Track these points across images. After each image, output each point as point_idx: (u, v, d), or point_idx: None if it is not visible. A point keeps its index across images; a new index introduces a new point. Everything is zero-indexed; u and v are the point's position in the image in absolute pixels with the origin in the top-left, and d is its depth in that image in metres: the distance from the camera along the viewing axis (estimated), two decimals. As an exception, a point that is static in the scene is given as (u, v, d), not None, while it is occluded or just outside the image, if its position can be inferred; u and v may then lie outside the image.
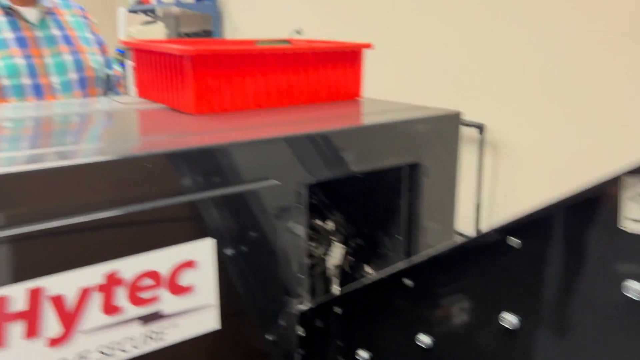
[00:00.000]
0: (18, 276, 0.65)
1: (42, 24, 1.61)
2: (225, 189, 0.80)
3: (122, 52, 3.05)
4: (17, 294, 0.64)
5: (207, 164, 0.79)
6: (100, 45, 1.79)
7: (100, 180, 0.71)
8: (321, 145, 0.90)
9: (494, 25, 1.98)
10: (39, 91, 1.56)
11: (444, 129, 1.03)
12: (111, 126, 1.03)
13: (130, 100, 1.21)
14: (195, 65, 1.00)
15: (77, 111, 1.11)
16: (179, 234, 0.76)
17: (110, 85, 1.85)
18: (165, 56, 1.07)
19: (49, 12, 1.65)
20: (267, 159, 0.84)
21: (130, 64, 2.75)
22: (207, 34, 3.50)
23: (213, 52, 1.01)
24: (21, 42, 1.55)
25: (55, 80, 1.59)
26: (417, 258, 0.74)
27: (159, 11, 4.11)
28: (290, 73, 1.12)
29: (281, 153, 0.85)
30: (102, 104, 1.21)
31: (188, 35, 3.56)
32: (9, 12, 1.56)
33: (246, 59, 1.06)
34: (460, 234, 1.13)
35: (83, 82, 1.65)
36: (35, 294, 0.65)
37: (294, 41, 1.45)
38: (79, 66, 1.65)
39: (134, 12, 4.02)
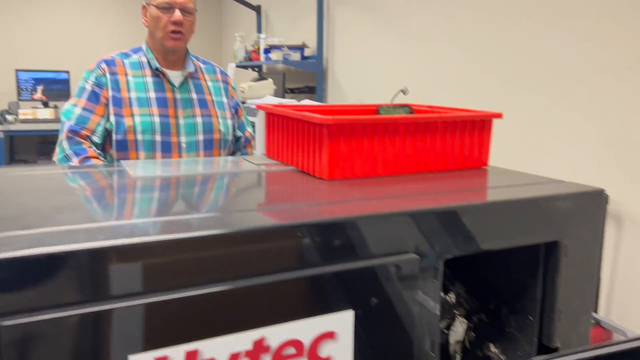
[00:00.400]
0: (178, 338, 0.67)
1: (183, 86, 1.72)
2: (367, 260, 0.80)
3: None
4: (177, 355, 0.67)
5: (352, 235, 0.79)
6: (235, 108, 1.87)
7: (252, 248, 0.73)
8: (460, 219, 0.88)
9: (617, 97, 1.90)
10: (167, 148, 1.66)
11: (587, 207, 0.98)
12: (252, 190, 1.07)
13: (261, 160, 1.26)
14: (331, 133, 1.03)
15: (217, 171, 1.17)
16: (322, 305, 0.77)
17: (239, 146, 1.92)
18: (300, 122, 1.11)
19: (192, 76, 1.76)
20: (407, 232, 0.84)
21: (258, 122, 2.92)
22: (310, 89, 3.64)
23: (349, 121, 1.04)
24: (162, 102, 1.66)
25: (183, 139, 1.68)
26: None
27: (265, 68, 4.34)
28: (420, 141, 1.13)
29: (421, 226, 0.85)
30: (237, 164, 1.27)
31: (292, 90, 3.72)
32: (157, 73, 1.69)
33: (379, 127, 1.08)
34: (598, 320, 1.05)
35: (209, 144, 1.73)
36: (192, 356, 0.68)
37: (414, 106, 1.46)
38: (208, 129, 1.73)
39: (243, 67, 4.28)
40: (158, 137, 1.66)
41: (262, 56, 3.67)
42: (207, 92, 1.77)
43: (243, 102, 3.05)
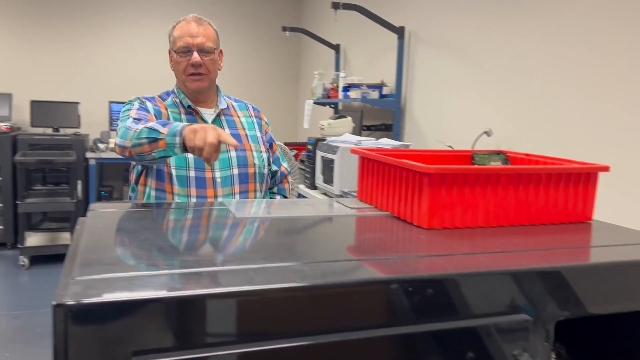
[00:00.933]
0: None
1: (216, 122, 1.73)
2: (473, 320, 0.78)
3: (311, 142, 3.30)
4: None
5: (460, 291, 0.78)
6: (270, 143, 1.88)
7: (354, 301, 0.73)
8: (573, 280, 0.84)
9: None
10: (201, 184, 1.65)
11: None
12: (350, 237, 1.08)
13: (354, 204, 1.27)
14: (432, 181, 1.02)
15: (313, 214, 1.19)
16: (431, 362, 0.75)
17: (276, 181, 1.93)
18: (398, 168, 1.11)
19: (224, 113, 1.78)
20: (518, 291, 0.81)
21: (320, 154, 2.96)
22: (387, 127, 3.65)
23: (451, 170, 1.03)
24: None
25: (217, 175, 1.67)
26: None
27: (341, 105, 4.41)
28: (522, 192, 1.10)
29: (532, 286, 0.82)
30: (331, 206, 1.28)
31: (369, 128, 3.74)
32: (190, 111, 1.72)
33: (480, 177, 1.06)
34: None
35: (244, 177, 1.71)
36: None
37: (509, 153, 1.43)
38: (243, 162, 1.72)
39: (321, 104, 4.37)
40: (192, 173, 1.65)
41: (341, 94, 3.73)
42: (240, 127, 1.78)
43: (322, 140, 3.10)
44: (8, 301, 3.43)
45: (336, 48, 4.53)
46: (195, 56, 1.66)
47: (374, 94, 3.51)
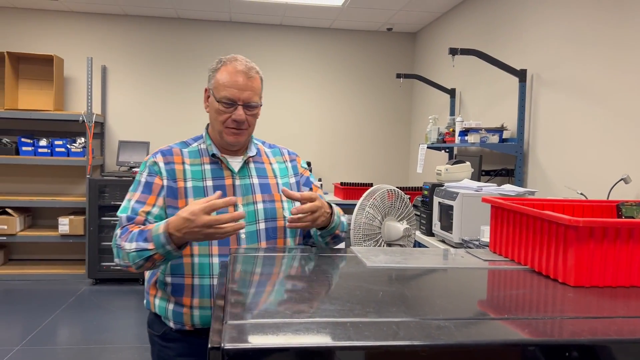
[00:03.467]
0: None
1: (242, 171, 1.54)
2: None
3: (427, 187, 3.26)
4: None
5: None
6: (309, 186, 1.66)
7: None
8: None
9: None
10: (224, 241, 1.44)
11: None
12: (490, 292, 1.04)
13: (487, 255, 1.22)
14: (580, 235, 0.96)
15: (444, 265, 1.16)
16: None
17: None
18: (539, 220, 1.06)
19: (254, 160, 1.58)
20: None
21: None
22: (508, 172, 3.50)
23: (601, 223, 0.96)
24: (219, 189, 1.46)
25: (242, 230, 1.44)
26: None
27: (456, 150, 4.33)
28: (685, 249, 0.99)
29: None
30: (461, 257, 1.24)
31: (488, 173, 3.62)
32: (215, 159, 1.53)
33: (635, 231, 0.97)
34: None
35: (272, 232, 1.50)
36: None
37: (662, 204, 1.30)
38: (271, 215, 1.52)
39: (435, 149, 4.32)
40: None
41: (457, 138, 3.67)
42: (271, 175, 1.59)
43: (439, 185, 3.04)
44: (139, 334, 3.69)
45: (451, 92, 4.48)
46: (240, 113, 1.48)
47: (494, 138, 3.40)
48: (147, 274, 1.54)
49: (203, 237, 1.25)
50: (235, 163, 1.55)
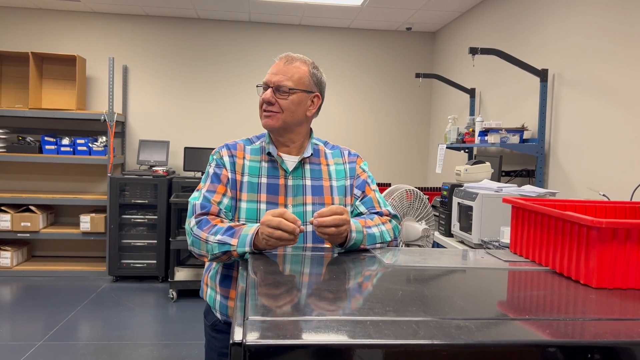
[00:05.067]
0: None
1: (296, 172, 1.56)
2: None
3: (446, 188, 3.24)
4: None
5: (648, 362, 0.70)
6: (362, 188, 1.62)
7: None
8: None
9: None
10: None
11: None
12: (511, 293, 1.03)
13: (507, 256, 1.21)
14: (602, 236, 0.95)
15: (463, 265, 1.16)
16: None
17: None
18: (560, 221, 1.05)
19: (310, 161, 1.59)
20: None
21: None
22: (528, 173, 3.46)
23: (624, 225, 0.95)
24: (272, 189, 1.52)
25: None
26: None
27: (476, 150, 4.29)
28: None
29: None
30: (482, 258, 1.24)
31: (508, 173, 3.58)
32: (272, 158, 1.56)
33: (659, 233, 0.96)
34: None
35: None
36: None
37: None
38: None
39: (455, 149, 4.29)
40: None
41: (477, 139, 3.64)
42: (326, 177, 1.59)
43: (459, 186, 3.02)
44: (158, 331, 3.73)
45: (471, 92, 4.45)
46: (267, 93, 1.53)
47: (514, 139, 3.36)
48: (206, 264, 1.61)
49: (263, 243, 1.28)
50: (290, 162, 1.57)
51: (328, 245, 1.40)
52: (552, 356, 0.70)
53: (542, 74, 3.24)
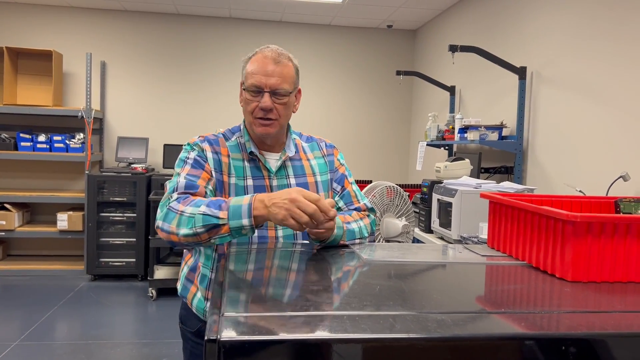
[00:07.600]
0: None
1: (280, 172, 1.49)
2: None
3: (426, 185, 3.26)
4: None
5: (617, 354, 0.70)
6: (340, 182, 1.59)
7: (499, 357, 0.69)
8: None
9: None
10: (264, 240, 1.41)
11: None
12: (495, 289, 1.04)
13: (484, 251, 1.22)
14: (577, 230, 0.96)
15: (441, 260, 1.16)
16: None
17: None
18: (537, 216, 1.06)
19: (292, 159, 1.52)
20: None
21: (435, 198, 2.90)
22: (507, 170, 3.50)
23: (599, 219, 0.96)
24: (259, 191, 1.42)
25: (280, 234, 1.43)
26: None
27: (456, 147, 4.32)
28: (682, 245, 0.99)
29: None
30: (460, 253, 1.24)
31: (487, 170, 3.62)
32: (253, 157, 1.47)
33: (633, 227, 0.97)
34: None
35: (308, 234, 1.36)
36: None
37: (660, 201, 1.30)
38: None
39: (435, 146, 4.32)
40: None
41: (457, 136, 3.66)
42: (310, 173, 1.53)
43: (439, 182, 3.04)
44: (137, 330, 3.69)
45: (451, 90, 4.48)
46: (266, 100, 1.40)
47: (493, 136, 3.40)
48: (186, 272, 1.49)
49: (282, 214, 1.17)
50: (273, 161, 1.49)
51: (306, 242, 1.39)
52: (528, 348, 0.70)
53: (521, 72, 3.28)
